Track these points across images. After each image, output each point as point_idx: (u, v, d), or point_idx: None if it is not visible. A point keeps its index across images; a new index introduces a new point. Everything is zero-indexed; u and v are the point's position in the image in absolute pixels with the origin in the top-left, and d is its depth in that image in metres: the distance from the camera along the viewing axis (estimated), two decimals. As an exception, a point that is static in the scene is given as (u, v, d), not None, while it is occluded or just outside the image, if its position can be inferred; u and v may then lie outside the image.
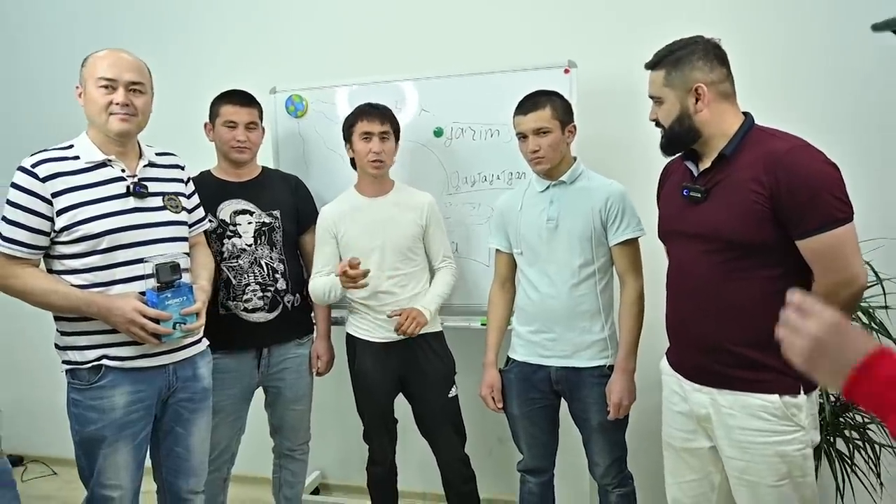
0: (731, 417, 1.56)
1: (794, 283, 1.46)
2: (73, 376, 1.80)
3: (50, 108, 3.13)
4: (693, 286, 1.63)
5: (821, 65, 2.34)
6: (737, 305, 1.54)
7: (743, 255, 1.52)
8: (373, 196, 2.26)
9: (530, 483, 2.18)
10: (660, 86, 1.61)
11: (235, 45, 2.97)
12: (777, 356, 1.43)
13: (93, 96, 1.76)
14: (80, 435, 1.80)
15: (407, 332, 2.16)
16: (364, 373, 2.27)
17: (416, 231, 2.26)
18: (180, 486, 1.96)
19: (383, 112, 2.21)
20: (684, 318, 1.67)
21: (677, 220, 1.68)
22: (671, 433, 1.75)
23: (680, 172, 1.71)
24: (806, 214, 1.44)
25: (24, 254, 1.72)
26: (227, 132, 2.26)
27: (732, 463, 1.58)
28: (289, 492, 2.51)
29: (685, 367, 1.68)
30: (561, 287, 2.01)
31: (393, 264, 2.22)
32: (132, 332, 1.72)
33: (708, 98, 1.55)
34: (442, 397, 2.27)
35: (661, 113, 1.63)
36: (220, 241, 2.25)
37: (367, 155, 2.17)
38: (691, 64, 1.56)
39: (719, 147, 1.57)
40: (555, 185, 2.05)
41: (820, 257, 1.46)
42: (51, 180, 1.71)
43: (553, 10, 2.58)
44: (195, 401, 1.93)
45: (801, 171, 1.44)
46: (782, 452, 1.51)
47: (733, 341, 1.55)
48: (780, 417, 1.51)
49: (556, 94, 2.04)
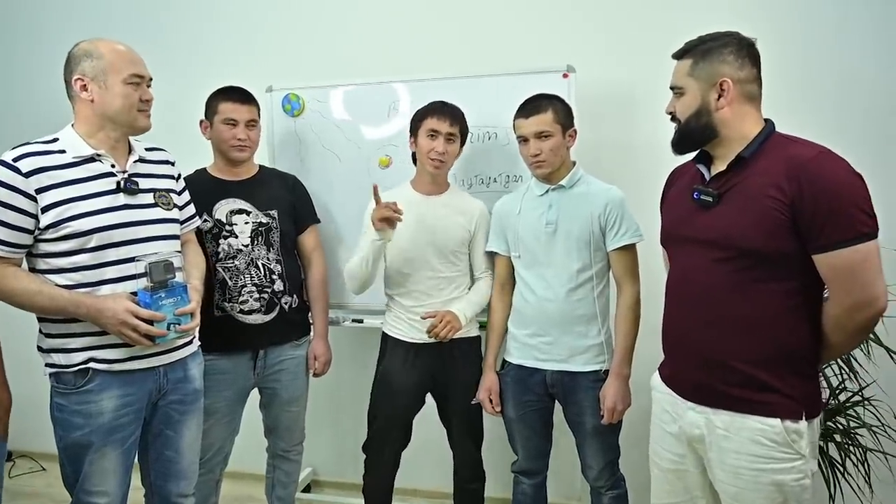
0: (725, 440, 1.48)
1: (807, 300, 1.43)
2: (57, 380, 1.72)
3: (42, 103, 3.06)
4: (698, 295, 1.53)
5: (834, 72, 2.34)
6: (745, 319, 1.45)
7: (755, 265, 1.43)
8: (427, 194, 2.23)
9: (524, 484, 2.19)
10: (683, 75, 1.52)
11: (231, 42, 2.95)
12: (783, 377, 1.43)
13: (120, 91, 1.71)
14: (64, 441, 1.73)
15: (439, 336, 2.12)
16: (390, 373, 2.24)
17: (464, 235, 2.23)
18: (170, 490, 1.91)
19: (454, 113, 2.17)
20: (685, 329, 1.58)
21: (685, 224, 1.58)
22: (659, 452, 1.67)
23: (689, 176, 1.63)
24: (827, 226, 1.34)
25: (5, 253, 1.64)
26: (227, 130, 2.23)
27: (724, 487, 1.51)
28: (282, 492, 2.50)
29: (681, 383, 1.60)
30: (558, 291, 2.01)
31: (435, 265, 2.19)
32: (124, 334, 1.67)
33: (732, 95, 1.47)
34: (464, 403, 2.23)
35: (680, 105, 1.55)
36: (215, 242, 2.22)
37: (430, 153, 2.14)
38: (721, 57, 1.47)
39: (735, 150, 1.48)
40: (554, 190, 2.04)
41: (838, 274, 1.37)
42: (35, 175, 1.63)
43: (552, 15, 2.58)
44: (186, 403, 1.89)
45: (826, 179, 1.35)
46: (779, 482, 1.43)
47: (738, 357, 1.46)
48: (780, 444, 1.43)
49: (557, 98, 2.04)
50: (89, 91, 1.72)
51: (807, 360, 1.47)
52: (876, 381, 2.24)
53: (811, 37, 2.37)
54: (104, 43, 1.74)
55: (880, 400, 2.24)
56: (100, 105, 1.72)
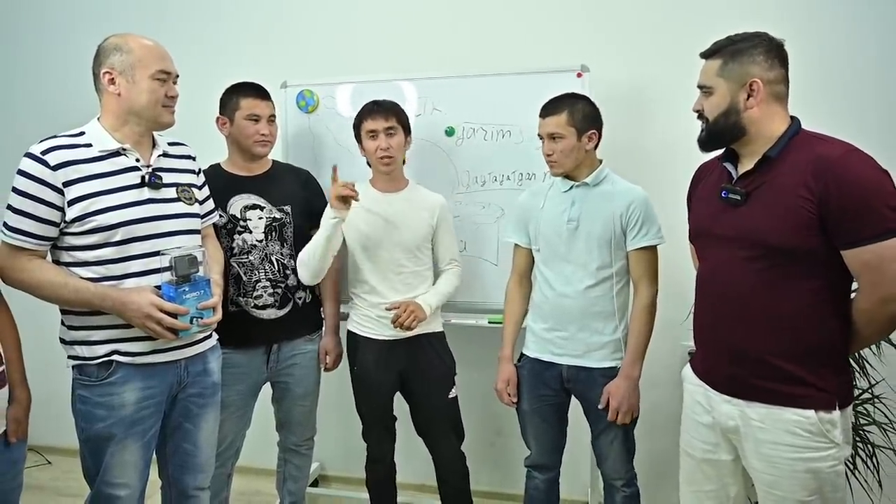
0: (761, 431, 1.52)
1: (836, 295, 1.46)
2: (80, 372, 1.74)
3: (60, 98, 3.14)
4: (728, 291, 1.56)
5: (848, 72, 2.37)
6: (775, 315, 1.49)
7: (784, 262, 1.47)
8: (386, 191, 2.27)
9: (537, 479, 2.20)
10: (712, 75, 1.54)
11: (246, 38, 2.97)
12: (815, 370, 1.47)
13: (147, 87, 1.73)
14: (86, 433, 1.75)
15: (404, 326, 2.14)
16: (365, 371, 2.27)
17: (427, 231, 2.26)
18: (188, 482, 1.93)
19: (387, 108, 2.21)
20: (716, 325, 1.61)
21: (713, 222, 1.61)
22: (692, 443, 1.71)
23: (717, 174, 1.66)
24: (856, 223, 1.38)
25: (31, 245, 1.66)
26: (250, 126, 2.24)
27: (760, 476, 1.55)
28: (292, 486, 2.51)
29: (715, 377, 1.63)
30: (577, 287, 2.03)
31: (400, 261, 2.23)
32: (148, 328, 1.68)
33: (761, 96, 1.49)
34: (442, 398, 2.27)
35: (708, 104, 1.57)
36: (230, 237, 2.23)
37: (376, 152, 2.18)
38: (752, 57, 1.50)
39: (763, 149, 1.51)
40: (578, 187, 2.06)
41: (867, 269, 1.41)
42: (62, 168, 1.65)
43: (567, 15, 2.62)
44: (205, 396, 1.91)
45: (854, 177, 1.38)
46: (815, 469, 1.47)
47: (770, 352, 1.50)
48: (815, 434, 1.47)
49: (580, 99, 2.05)
50: (116, 85, 1.73)
51: (837, 353, 1.51)
52: (885, 378, 2.27)
53: (830, 36, 2.39)
54: (134, 38, 1.75)
55: (889, 397, 2.28)
56: (126, 99, 1.74)
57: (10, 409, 1.67)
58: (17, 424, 1.69)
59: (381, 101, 2.24)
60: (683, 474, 1.76)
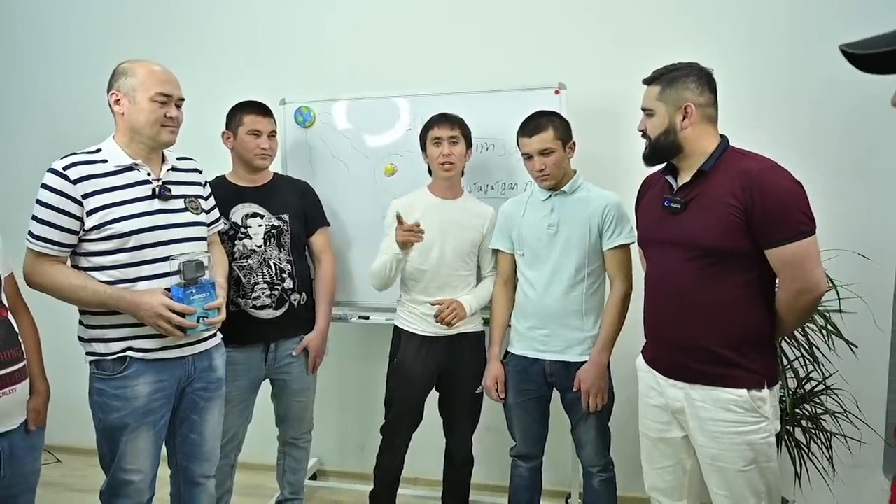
0: (703, 410, 1.71)
1: (762, 289, 1.69)
2: (97, 367, 1.89)
3: (68, 114, 3.28)
4: (672, 289, 1.76)
5: (781, 91, 2.57)
6: (712, 307, 1.68)
7: (718, 261, 1.66)
8: (444, 198, 2.40)
9: (521, 468, 2.34)
10: (653, 99, 1.75)
11: (247, 57, 3.11)
12: (746, 354, 1.68)
13: (146, 108, 1.87)
14: (103, 423, 1.89)
15: (445, 321, 2.30)
16: (404, 363, 2.39)
17: (477, 238, 2.40)
18: (194, 470, 2.07)
19: (453, 119, 2.35)
20: (663, 319, 1.81)
21: (657, 228, 1.81)
22: (647, 424, 1.91)
23: (659, 186, 1.86)
24: (776, 227, 1.58)
25: (53, 251, 1.81)
26: (252, 140, 2.39)
27: (704, 450, 1.74)
28: (291, 477, 2.65)
29: (662, 364, 1.83)
30: (557, 287, 2.17)
31: (452, 263, 2.36)
32: (159, 326, 1.82)
33: (694, 117, 1.70)
34: (468, 393, 2.41)
35: (650, 125, 1.77)
36: (231, 242, 2.38)
37: (438, 158, 2.32)
38: (685, 84, 1.71)
39: (698, 163, 1.71)
40: (556, 195, 2.22)
41: (786, 265, 1.61)
42: (81, 182, 1.80)
43: (545, 37, 2.78)
44: (210, 390, 2.04)
45: (773, 188, 1.59)
46: (749, 441, 1.66)
47: (708, 340, 1.69)
48: (748, 410, 1.66)
49: (556, 115, 2.22)
50: (121, 105, 1.89)
51: (764, 339, 1.72)
52: (838, 371, 2.44)
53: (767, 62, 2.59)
54: (143, 64, 1.91)
55: (841, 388, 2.44)
56: (128, 118, 1.89)
57: (31, 400, 1.78)
58: (37, 414, 1.80)
59: (448, 113, 2.37)
60: (643, 454, 1.95)
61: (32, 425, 1.78)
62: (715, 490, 1.76)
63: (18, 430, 1.73)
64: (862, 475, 2.57)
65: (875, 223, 2.49)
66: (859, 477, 2.57)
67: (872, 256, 2.35)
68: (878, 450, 2.57)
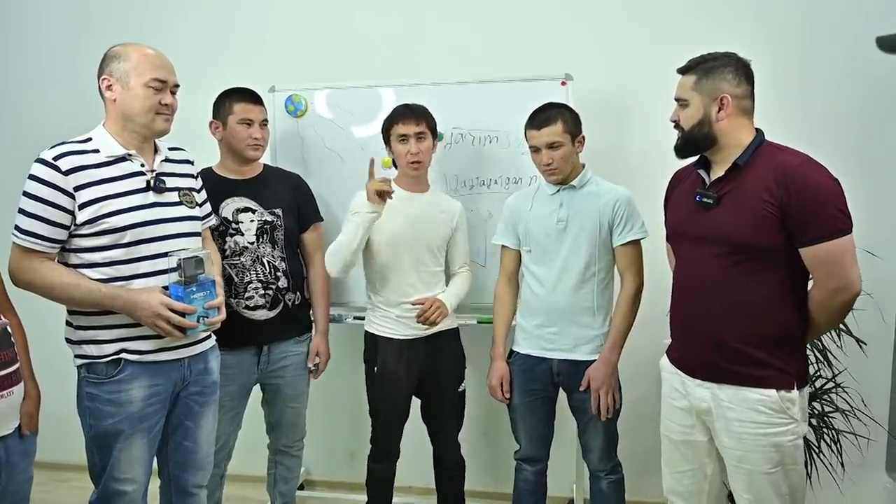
0: (730, 410, 1.67)
1: (795, 287, 1.65)
2: (88, 370, 1.77)
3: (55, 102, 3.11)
4: (702, 286, 1.73)
5: (792, 86, 2.54)
6: (742, 306, 1.65)
7: (751, 258, 1.63)
8: (411, 192, 2.32)
9: (526, 471, 2.28)
10: (688, 89, 1.71)
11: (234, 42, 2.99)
12: (776, 354, 1.64)
13: (140, 94, 1.76)
14: (94, 430, 1.78)
15: (429, 321, 2.22)
16: (386, 370, 2.30)
17: (447, 232, 2.34)
18: (187, 480, 1.96)
19: (418, 113, 2.25)
20: (690, 316, 1.77)
21: (688, 223, 1.78)
22: (670, 427, 1.86)
23: (691, 180, 1.82)
24: (812, 224, 1.55)
25: (42, 247, 1.70)
26: (243, 129, 2.27)
27: (730, 452, 1.70)
28: (283, 487, 2.53)
29: (689, 364, 1.78)
30: (565, 284, 2.12)
31: (423, 259, 2.29)
32: (158, 326, 1.72)
33: (730, 109, 1.66)
34: (453, 391, 2.36)
35: (684, 116, 1.73)
36: (222, 239, 2.26)
37: (406, 156, 2.23)
38: (722, 75, 1.67)
39: (732, 157, 1.68)
40: (565, 189, 2.16)
41: (821, 263, 1.58)
42: (74, 173, 1.69)
43: (552, 26, 2.72)
44: (205, 394, 1.94)
45: (810, 184, 1.56)
46: (777, 443, 1.64)
47: (738, 339, 1.66)
48: (776, 411, 1.63)
49: (565, 108, 2.16)
50: (113, 91, 1.78)
51: (796, 339, 1.69)
52: (847, 369, 2.44)
53: (792, 56, 2.56)
54: (136, 47, 1.80)
55: (850, 387, 2.44)
56: (121, 105, 1.78)
57: (23, 404, 1.72)
58: (30, 418, 1.74)
59: (412, 105, 2.28)
60: (664, 457, 1.91)
61: (26, 430, 1.72)
62: (740, 493, 1.72)
63: (13, 436, 1.68)
64: (867, 474, 2.58)
65: (882, 220, 2.49)
66: (865, 476, 2.57)
67: (880, 253, 2.36)
68: (883, 448, 2.57)
